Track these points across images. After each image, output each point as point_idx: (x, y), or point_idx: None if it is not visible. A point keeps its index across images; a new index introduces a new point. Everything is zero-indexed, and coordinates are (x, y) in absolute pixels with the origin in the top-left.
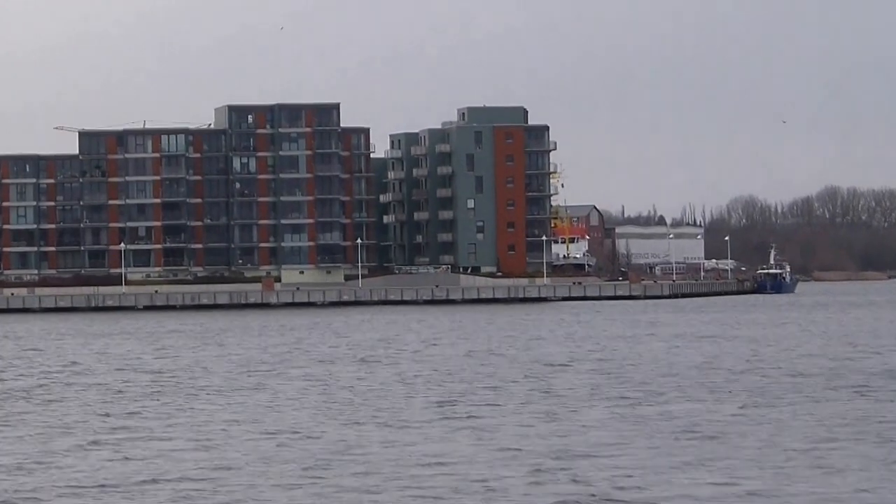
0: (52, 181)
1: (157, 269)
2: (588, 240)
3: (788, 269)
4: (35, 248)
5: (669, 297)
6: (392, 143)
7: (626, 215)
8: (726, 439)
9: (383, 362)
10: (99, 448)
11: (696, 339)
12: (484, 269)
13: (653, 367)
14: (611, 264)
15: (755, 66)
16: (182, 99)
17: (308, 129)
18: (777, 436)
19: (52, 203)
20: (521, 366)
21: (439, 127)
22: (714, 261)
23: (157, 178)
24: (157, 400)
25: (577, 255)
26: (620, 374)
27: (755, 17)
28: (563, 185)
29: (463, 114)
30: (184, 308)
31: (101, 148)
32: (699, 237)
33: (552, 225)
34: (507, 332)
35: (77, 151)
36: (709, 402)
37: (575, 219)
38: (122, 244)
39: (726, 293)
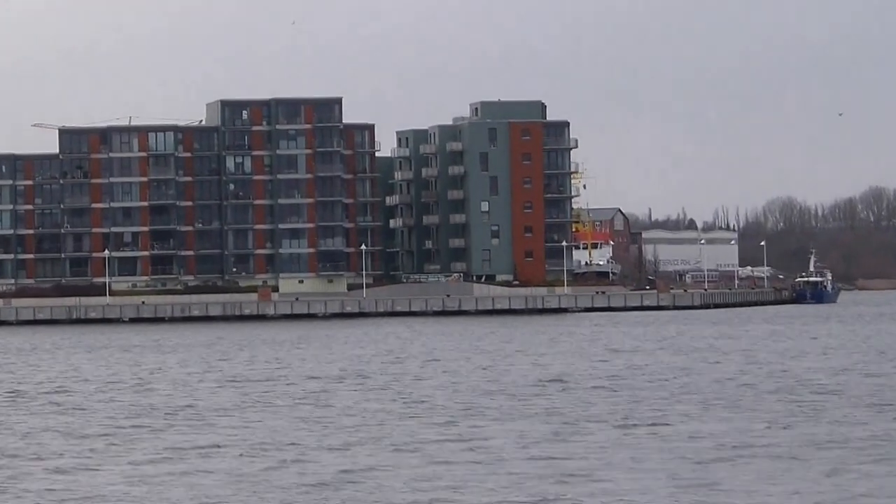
0: (29, 182)
1: (144, 277)
2: (612, 245)
3: (830, 277)
4: (11, 256)
5: (700, 307)
6: (399, 140)
7: (653, 219)
8: (748, 461)
9: (384, 379)
10: (69, 473)
11: (723, 354)
12: (499, 278)
13: (672, 383)
14: (637, 272)
15: (790, 61)
16: (171, 94)
17: (308, 126)
18: (802, 458)
19: (30, 206)
20: (532, 383)
21: (450, 123)
22: (749, 268)
23: (144, 179)
24: (135, 420)
25: (601, 262)
26: (637, 392)
27: (788, 13)
28: (585, 186)
29: (476, 109)
30: (173, 320)
31: (84, 146)
32: (733, 242)
33: (573, 229)
34: (522, 346)
35: (57, 150)
36: (731, 421)
37: (598, 223)
38: (106, 251)
39: (762, 303)
